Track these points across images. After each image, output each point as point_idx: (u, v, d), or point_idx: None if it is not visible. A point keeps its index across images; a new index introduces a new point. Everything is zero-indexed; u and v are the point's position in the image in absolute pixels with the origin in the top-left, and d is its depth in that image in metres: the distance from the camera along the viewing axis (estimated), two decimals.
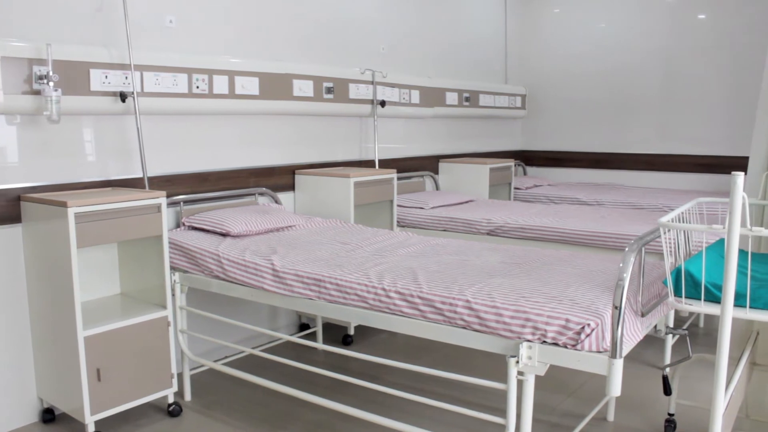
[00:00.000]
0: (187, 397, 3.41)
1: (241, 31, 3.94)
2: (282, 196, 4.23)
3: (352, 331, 4.20)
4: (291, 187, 4.31)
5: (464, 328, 2.35)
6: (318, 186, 4.21)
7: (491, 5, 6.35)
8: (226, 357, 3.89)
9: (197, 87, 3.60)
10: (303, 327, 4.43)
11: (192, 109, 3.61)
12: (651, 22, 6.14)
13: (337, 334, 4.34)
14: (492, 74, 6.49)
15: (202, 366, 3.69)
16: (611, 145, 6.47)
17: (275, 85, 4.02)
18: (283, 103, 4.10)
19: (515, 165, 6.65)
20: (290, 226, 3.70)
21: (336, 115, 4.55)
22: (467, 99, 5.83)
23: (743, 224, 1.97)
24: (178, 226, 3.65)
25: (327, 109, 4.42)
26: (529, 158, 6.94)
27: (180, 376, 3.45)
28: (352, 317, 2.69)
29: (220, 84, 3.72)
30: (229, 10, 3.86)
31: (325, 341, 4.20)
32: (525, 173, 6.87)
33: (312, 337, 4.23)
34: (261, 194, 4.09)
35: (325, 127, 4.54)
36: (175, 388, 3.19)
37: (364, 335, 4.33)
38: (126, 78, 3.29)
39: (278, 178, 4.23)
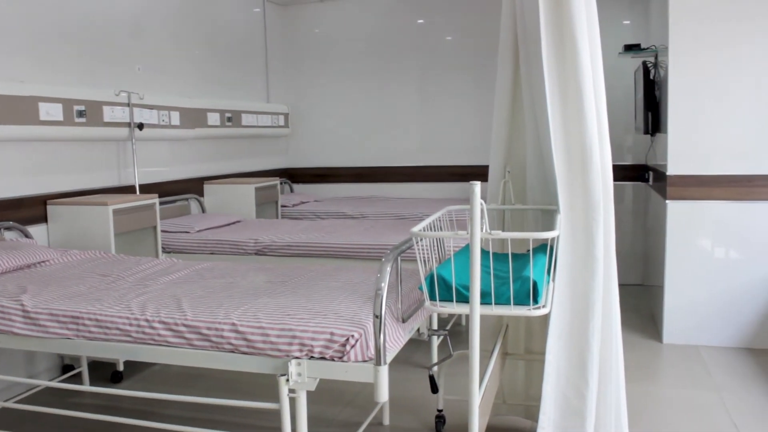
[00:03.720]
0: None
1: None
2: (33, 229, 3.90)
3: (121, 367, 3.98)
4: (43, 218, 4.00)
5: (232, 351, 2.33)
6: (74, 216, 3.95)
7: (250, 25, 6.37)
8: None
9: None
10: (66, 368, 4.11)
11: None
12: (405, 41, 6.54)
13: (106, 371, 4.08)
14: (254, 93, 6.50)
15: None
16: (374, 160, 6.77)
17: (17, 109, 3.71)
18: (28, 129, 3.79)
19: (281, 183, 6.71)
20: (43, 262, 3.43)
21: (90, 139, 4.30)
22: (230, 119, 5.79)
23: (483, 228, 2.16)
24: None
25: (80, 134, 4.16)
26: (295, 176, 7.04)
27: None
28: (115, 353, 2.56)
29: None
30: None
31: (93, 381, 3.93)
32: (292, 191, 6.95)
33: (77, 378, 3.94)
34: (7, 229, 3.75)
35: (79, 152, 4.27)
36: None
37: (136, 369, 4.12)
38: None
39: (27, 210, 3.90)
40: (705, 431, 3.12)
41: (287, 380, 2.23)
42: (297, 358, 2.24)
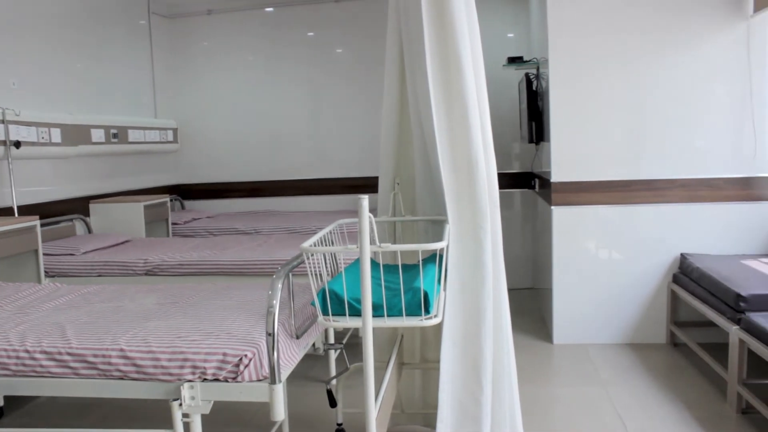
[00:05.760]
0: None
1: None
2: None
3: (1, 402, 3.76)
4: None
5: (121, 378, 2.25)
6: None
7: (136, 37, 6.18)
8: None
9: None
10: None
11: None
12: (296, 54, 6.52)
13: None
14: (141, 108, 6.31)
15: None
16: (267, 174, 6.71)
17: None
18: None
19: (172, 200, 6.55)
20: None
21: None
22: (115, 135, 5.60)
23: (373, 242, 2.17)
24: None
25: None
26: (186, 192, 6.88)
27: None
28: None
29: None
30: None
31: None
32: (183, 207, 6.78)
33: None
34: None
35: None
36: None
37: (18, 403, 3.90)
38: None
39: None
40: (593, 425, 3.26)
41: (180, 404, 2.17)
42: (190, 381, 2.19)
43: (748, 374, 3.38)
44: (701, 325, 4.33)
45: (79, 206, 5.22)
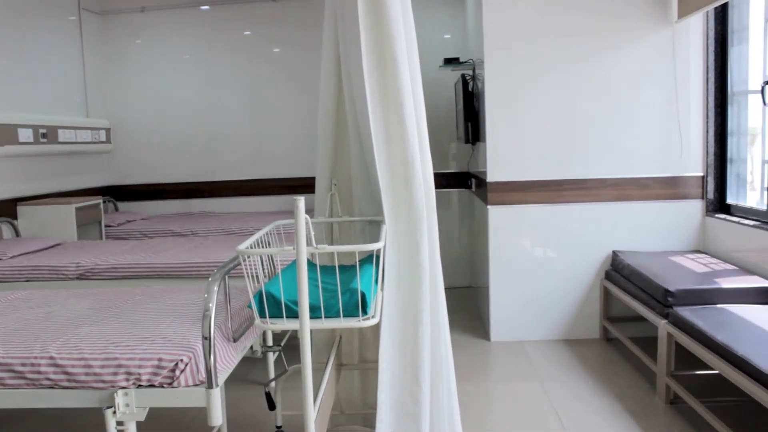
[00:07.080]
0: None
1: None
2: None
3: None
4: None
5: (51, 387, 2.19)
6: None
7: (65, 34, 6.01)
8: None
9: None
10: None
11: None
12: (232, 53, 6.45)
13: None
14: (71, 107, 6.14)
15: None
16: (203, 174, 6.61)
17: None
18: None
19: (105, 201, 6.39)
20: None
21: None
22: (44, 135, 5.43)
23: (309, 243, 2.17)
24: None
25: None
26: (120, 193, 6.72)
27: None
28: None
29: None
30: None
31: None
32: (117, 209, 6.62)
33: None
34: None
35: None
36: None
37: None
38: None
39: None
40: (530, 419, 3.33)
41: (114, 412, 2.13)
42: (124, 388, 2.14)
43: (675, 366, 3.50)
44: (632, 320, 4.46)
45: (5, 209, 5.05)
